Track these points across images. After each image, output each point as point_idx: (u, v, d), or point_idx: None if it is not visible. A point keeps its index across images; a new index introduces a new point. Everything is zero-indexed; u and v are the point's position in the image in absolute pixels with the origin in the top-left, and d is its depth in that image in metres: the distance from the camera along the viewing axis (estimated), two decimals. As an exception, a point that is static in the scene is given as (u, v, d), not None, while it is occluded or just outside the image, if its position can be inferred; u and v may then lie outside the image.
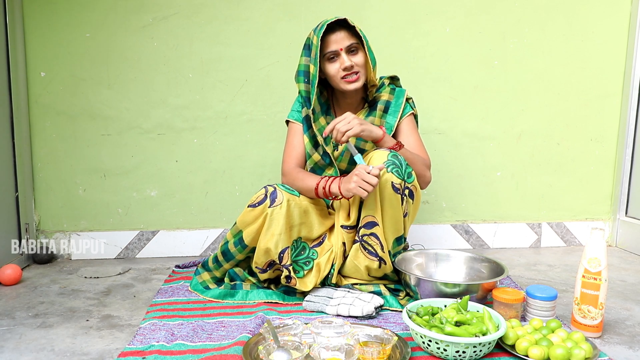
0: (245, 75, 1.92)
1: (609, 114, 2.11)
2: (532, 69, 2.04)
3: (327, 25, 1.41)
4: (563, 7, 2.02)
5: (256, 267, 1.45)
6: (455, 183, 2.07)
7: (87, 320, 1.31)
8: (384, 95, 1.54)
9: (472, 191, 2.09)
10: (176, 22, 1.87)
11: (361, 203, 1.41)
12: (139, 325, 1.25)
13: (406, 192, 1.37)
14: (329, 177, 1.42)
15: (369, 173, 1.27)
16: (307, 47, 1.46)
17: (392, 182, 1.33)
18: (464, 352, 1.05)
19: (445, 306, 1.23)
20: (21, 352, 1.13)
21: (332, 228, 1.52)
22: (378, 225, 1.36)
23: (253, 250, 1.45)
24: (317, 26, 1.43)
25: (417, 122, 1.60)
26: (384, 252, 1.38)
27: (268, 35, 1.91)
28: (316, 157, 1.53)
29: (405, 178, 1.36)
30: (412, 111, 1.55)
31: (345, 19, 1.41)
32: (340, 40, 1.41)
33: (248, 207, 1.41)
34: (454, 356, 1.06)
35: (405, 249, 1.54)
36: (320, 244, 1.48)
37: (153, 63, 1.88)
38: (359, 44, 1.44)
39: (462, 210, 2.10)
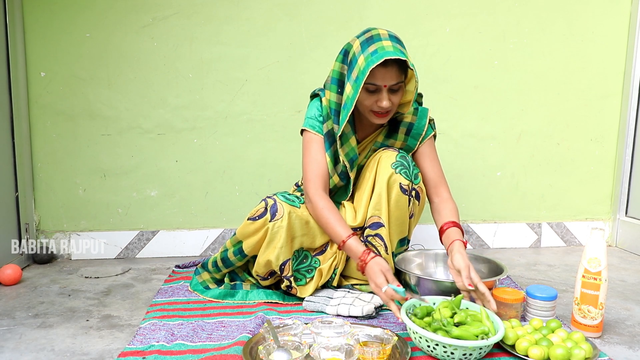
0: (245, 75, 1.92)
1: (609, 114, 2.11)
2: (532, 69, 2.04)
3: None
4: (563, 7, 2.02)
5: (257, 276, 1.45)
6: (455, 183, 2.07)
7: (87, 320, 1.31)
8: (407, 117, 1.45)
9: (472, 191, 2.09)
10: (176, 22, 1.87)
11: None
12: (139, 325, 1.25)
13: (413, 193, 1.37)
14: (355, 245, 1.30)
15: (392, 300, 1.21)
16: (345, 53, 1.35)
17: (400, 183, 1.33)
18: (470, 354, 1.05)
19: (434, 304, 1.22)
20: (21, 352, 1.13)
21: None
22: (384, 226, 1.36)
23: (253, 257, 1.44)
24: (369, 47, 1.25)
25: (434, 141, 1.53)
26: (387, 253, 1.38)
27: (268, 35, 1.91)
28: (336, 178, 1.45)
29: (413, 179, 1.35)
30: (433, 132, 1.50)
31: (403, 60, 1.26)
32: (388, 78, 1.27)
33: (248, 219, 1.38)
34: (460, 358, 1.06)
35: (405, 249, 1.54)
36: (322, 252, 1.45)
37: (153, 63, 1.88)
38: (402, 82, 1.31)
39: (462, 210, 2.09)
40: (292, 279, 1.39)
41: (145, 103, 1.90)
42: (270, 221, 1.35)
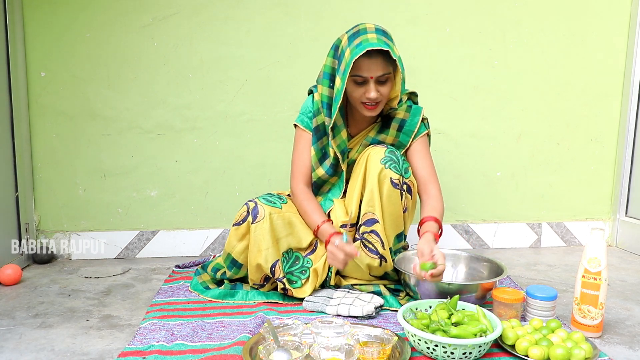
0: (245, 75, 1.92)
1: (609, 114, 2.11)
2: (532, 69, 2.04)
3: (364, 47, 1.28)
4: (563, 7, 2.02)
5: (254, 284, 1.46)
6: (455, 183, 2.07)
7: (87, 320, 1.31)
8: (400, 113, 1.47)
9: (472, 191, 2.09)
10: (176, 22, 1.87)
11: (361, 200, 1.41)
12: (139, 325, 1.25)
13: (404, 187, 1.38)
14: (327, 228, 1.39)
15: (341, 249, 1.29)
16: (336, 48, 1.39)
17: (390, 177, 1.34)
18: (470, 352, 1.05)
19: (430, 307, 1.23)
20: (21, 352, 1.13)
21: None
22: (378, 222, 1.37)
23: None
24: (355, 40, 1.30)
25: (429, 141, 1.55)
26: (384, 249, 1.38)
27: (268, 35, 1.91)
28: (320, 171, 1.49)
29: (403, 173, 1.37)
30: (427, 131, 1.51)
31: (388, 51, 1.29)
32: (374, 69, 1.31)
33: (233, 225, 1.42)
34: (460, 358, 1.05)
35: (405, 248, 1.54)
36: (313, 251, 1.46)
37: (153, 63, 1.88)
38: (390, 74, 1.35)
39: (462, 210, 2.10)
40: (285, 280, 1.40)
41: (145, 103, 1.90)
42: (252, 223, 1.38)
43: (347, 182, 1.51)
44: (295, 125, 1.53)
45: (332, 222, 1.43)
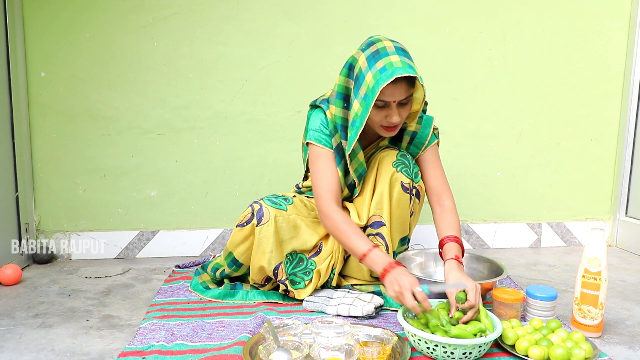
0: (245, 75, 1.92)
1: (609, 114, 2.11)
2: (532, 69, 2.04)
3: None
4: (563, 7, 2.02)
5: (254, 284, 1.45)
6: (455, 183, 2.07)
7: (87, 320, 1.31)
8: (412, 125, 1.43)
9: (472, 191, 2.09)
10: (176, 22, 1.87)
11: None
12: (139, 325, 1.25)
13: (414, 191, 1.38)
14: (379, 254, 1.24)
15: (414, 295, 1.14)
16: (350, 67, 1.31)
17: (401, 181, 1.34)
18: (470, 352, 1.05)
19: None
20: (21, 352, 1.13)
21: (327, 235, 1.47)
22: (385, 225, 1.36)
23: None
24: (376, 63, 1.22)
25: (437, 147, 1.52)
26: (388, 252, 1.38)
27: (268, 35, 1.91)
28: (345, 191, 1.45)
29: (413, 178, 1.36)
30: (437, 140, 1.48)
31: (415, 77, 1.21)
32: (397, 94, 1.23)
33: (237, 226, 1.40)
34: (460, 358, 1.05)
35: (405, 249, 1.54)
36: (317, 253, 1.45)
37: (153, 63, 1.88)
38: (411, 96, 1.28)
39: (462, 210, 2.09)
40: (287, 282, 1.39)
41: (145, 103, 1.90)
42: (257, 226, 1.36)
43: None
44: (308, 144, 1.41)
45: (379, 247, 1.32)
